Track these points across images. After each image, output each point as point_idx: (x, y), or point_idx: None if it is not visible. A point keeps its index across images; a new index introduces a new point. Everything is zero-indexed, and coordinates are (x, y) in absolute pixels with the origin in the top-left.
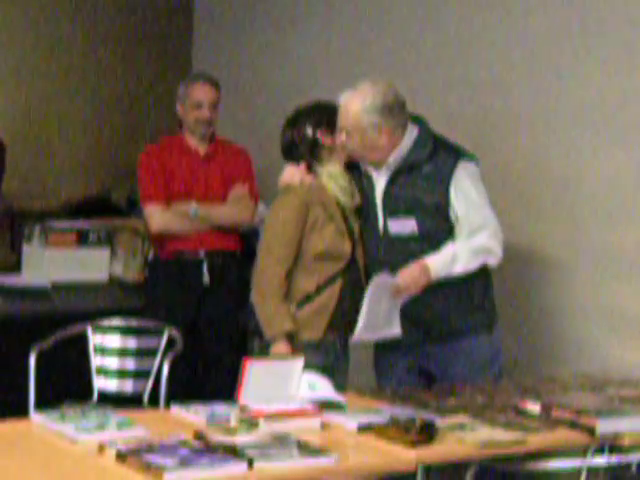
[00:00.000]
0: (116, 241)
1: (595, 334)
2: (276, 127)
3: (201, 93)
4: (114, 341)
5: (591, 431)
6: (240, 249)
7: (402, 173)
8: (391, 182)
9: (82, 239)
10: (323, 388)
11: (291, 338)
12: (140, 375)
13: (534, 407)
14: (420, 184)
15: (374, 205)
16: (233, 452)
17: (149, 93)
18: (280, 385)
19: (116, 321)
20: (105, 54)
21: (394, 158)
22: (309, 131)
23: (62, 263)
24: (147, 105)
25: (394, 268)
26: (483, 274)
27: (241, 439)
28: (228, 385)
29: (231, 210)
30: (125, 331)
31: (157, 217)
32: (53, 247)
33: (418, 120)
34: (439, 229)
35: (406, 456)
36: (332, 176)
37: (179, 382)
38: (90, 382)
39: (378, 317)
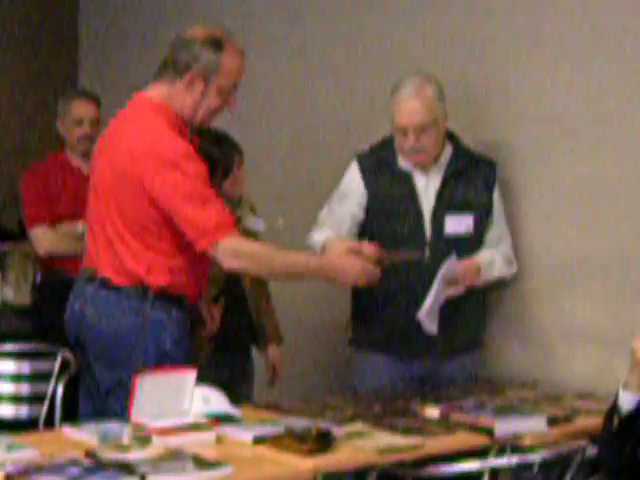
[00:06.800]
0: (6, 265)
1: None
2: None
3: (81, 110)
4: (8, 366)
5: (490, 432)
6: None
7: (454, 175)
8: (446, 182)
9: None
10: (217, 401)
11: None
12: (35, 400)
13: (433, 412)
14: (471, 186)
15: (413, 206)
16: (125, 468)
17: (37, 111)
18: (173, 399)
19: (9, 346)
20: None
21: (444, 160)
22: None
23: None
24: (35, 123)
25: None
26: (483, 289)
27: (134, 455)
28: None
29: None
30: (19, 356)
31: (43, 239)
32: None
33: (451, 134)
34: (482, 232)
35: (303, 466)
36: None
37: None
38: None
39: (438, 302)
